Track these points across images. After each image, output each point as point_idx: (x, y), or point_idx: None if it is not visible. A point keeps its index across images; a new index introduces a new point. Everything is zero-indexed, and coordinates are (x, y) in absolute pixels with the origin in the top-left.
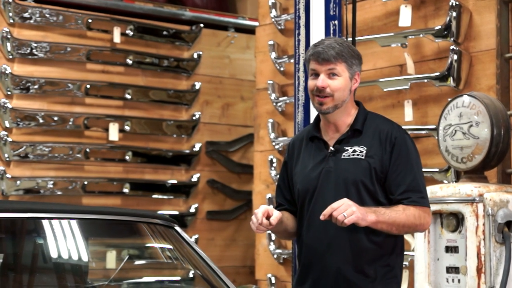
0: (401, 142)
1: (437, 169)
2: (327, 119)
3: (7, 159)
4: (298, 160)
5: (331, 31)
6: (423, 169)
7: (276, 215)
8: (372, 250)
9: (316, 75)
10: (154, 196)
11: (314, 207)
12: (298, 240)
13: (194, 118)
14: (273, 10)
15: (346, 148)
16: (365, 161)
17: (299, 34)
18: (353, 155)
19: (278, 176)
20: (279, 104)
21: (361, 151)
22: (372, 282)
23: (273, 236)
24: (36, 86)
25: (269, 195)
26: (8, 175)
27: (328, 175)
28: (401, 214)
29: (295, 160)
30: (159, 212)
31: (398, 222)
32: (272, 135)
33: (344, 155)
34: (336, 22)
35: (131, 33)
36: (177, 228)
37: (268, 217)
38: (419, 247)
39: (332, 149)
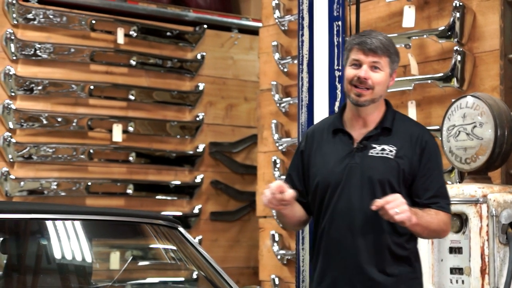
0: (431, 147)
1: None
2: (359, 112)
3: (11, 160)
4: (317, 152)
5: (335, 32)
6: None
7: (290, 192)
8: (395, 250)
9: (358, 65)
10: (157, 197)
11: (337, 203)
12: (316, 236)
13: (197, 119)
14: (277, 11)
15: (374, 145)
16: (394, 161)
17: (302, 35)
18: (382, 153)
19: (281, 177)
20: (282, 105)
21: (391, 151)
22: (396, 282)
23: (276, 237)
24: (39, 87)
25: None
26: (12, 176)
27: (353, 171)
28: (434, 219)
29: (314, 151)
30: (163, 213)
31: (431, 227)
32: (276, 136)
33: (371, 152)
34: (340, 23)
35: (135, 34)
36: (181, 229)
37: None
38: (423, 248)
39: (360, 144)
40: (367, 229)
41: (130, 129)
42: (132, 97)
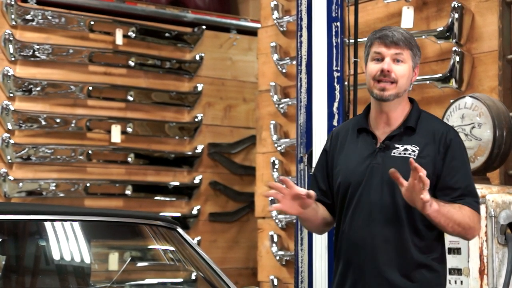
0: (457, 145)
1: None
2: (382, 108)
3: (10, 161)
4: (341, 151)
5: (333, 33)
6: None
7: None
8: (417, 254)
9: (380, 59)
10: (156, 198)
11: (358, 204)
12: (337, 238)
13: (196, 120)
14: (275, 12)
15: (397, 145)
16: (417, 161)
17: (301, 35)
18: (404, 153)
19: (280, 177)
20: (281, 105)
21: (414, 151)
22: (416, 286)
23: (275, 238)
24: (38, 88)
25: (271, 197)
26: (11, 177)
27: (375, 171)
28: (458, 211)
29: (338, 150)
30: (161, 214)
31: (455, 218)
32: (275, 137)
33: (394, 153)
34: (338, 23)
35: (133, 35)
36: (179, 230)
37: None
38: None
39: (382, 144)
40: (387, 231)
41: (129, 130)
42: (130, 98)
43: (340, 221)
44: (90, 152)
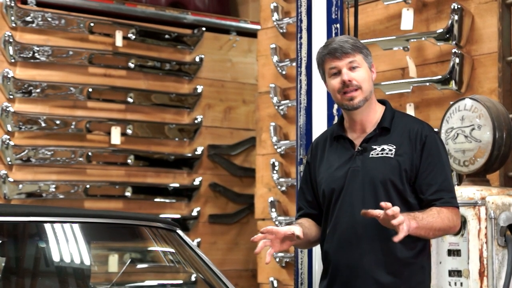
0: (432, 141)
1: None
2: (353, 116)
3: (9, 162)
4: (322, 160)
5: (333, 35)
6: None
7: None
8: (401, 252)
9: (337, 73)
10: (156, 199)
11: (341, 207)
12: (323, 241)
13: (196, 121)
14: (275, 14)
15: (374, 146)
16: (394, 159)
17: (301, 37)
18: (382, 153)
19: (280, 179)
20: (281, 107)
21: (390, 150)
22: (404, 283)
23: None
24: (38, 90)
25: (271, 199)
26: (10, 179)
27: (355, 174)
28: (437, 218)
29: (318, 160)
30: (161, 215)
31: (435, 226)
32: (274, 139)
33: (372, 154)
34: (338, 25)
35: (133, 37)
36: (179, 231)
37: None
38: None
39: (360, 148)
40: (370, 232)
41: (129, 131)
42: (130, 100)
43: (326, 226)
44: (90, 153)
